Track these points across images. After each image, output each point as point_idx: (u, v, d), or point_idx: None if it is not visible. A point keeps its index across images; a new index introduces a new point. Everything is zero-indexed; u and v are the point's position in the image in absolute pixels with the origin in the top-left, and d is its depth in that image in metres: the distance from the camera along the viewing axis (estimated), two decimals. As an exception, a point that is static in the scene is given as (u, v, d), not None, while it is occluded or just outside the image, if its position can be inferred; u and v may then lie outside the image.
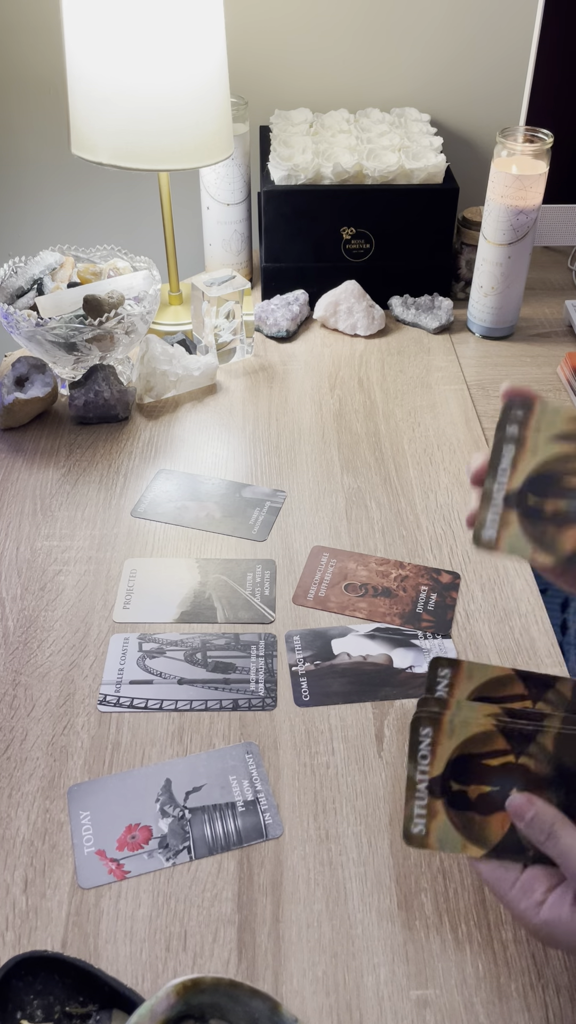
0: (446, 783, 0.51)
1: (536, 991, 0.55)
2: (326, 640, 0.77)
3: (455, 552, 0.86)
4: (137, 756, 0.68)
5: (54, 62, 1.32)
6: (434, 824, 0.51)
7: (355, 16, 1.29)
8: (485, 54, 1.32)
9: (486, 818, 0.51)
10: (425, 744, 0.51)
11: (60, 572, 0.83)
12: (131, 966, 0.56)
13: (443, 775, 0.51)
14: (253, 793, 0.65)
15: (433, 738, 0.51)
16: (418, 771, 0.51)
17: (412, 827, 0.51)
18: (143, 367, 1.05)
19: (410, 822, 0.51)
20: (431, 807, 0.51)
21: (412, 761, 0.51)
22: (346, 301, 1.19)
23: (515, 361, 1.15)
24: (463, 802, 0.51)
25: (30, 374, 1.01)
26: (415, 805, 0.51)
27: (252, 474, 0.96)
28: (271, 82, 1.34)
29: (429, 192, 1.16)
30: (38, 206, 1.46)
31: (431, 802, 0.51)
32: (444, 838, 0.51)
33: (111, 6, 0.93)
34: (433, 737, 0.51)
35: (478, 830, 0.51)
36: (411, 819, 0.51)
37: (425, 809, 0.51)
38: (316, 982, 0.55)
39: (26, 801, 0.64)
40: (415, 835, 0.51)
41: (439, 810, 0.51)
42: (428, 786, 0.51)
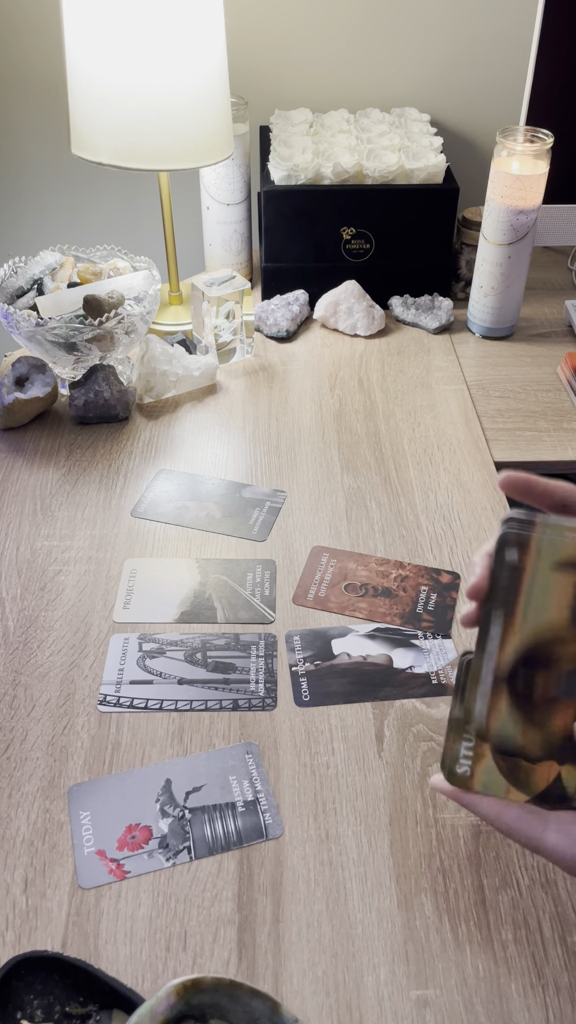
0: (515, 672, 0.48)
1: (536, 991, 0.55)
2: (326, 640, 0.77)
3: (455, 552, 0.86)
4: (137, 756, 0.68)
5: (54, 62, 1.32)
6: (479, 766, 0.50)
7: (355, 16, 1.29)
8: (485, 54, 1.32)
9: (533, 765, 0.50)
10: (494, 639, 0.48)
11: (60, 572, 0.83)
12: (131, 966, 0.56)
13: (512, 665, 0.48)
14: (253, 793, 0.65)
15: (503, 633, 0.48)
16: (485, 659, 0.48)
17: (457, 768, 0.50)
18: (143, 367, 1.05)
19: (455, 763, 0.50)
20: (478, 749, 0.50)
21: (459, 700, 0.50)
22: (346, 301, 1.19)
23: (515, 361, 1.15)
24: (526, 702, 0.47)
25: (30, 374, 1.01)
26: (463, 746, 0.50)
27: (252, 474, 0.96)
28: (271, 82, 1.34)
29: (429, 192, 1.16)
30: (38, 206, 1.46)
31: (478, 744, 0.50)
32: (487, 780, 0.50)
33: (111, 6, 0.93)
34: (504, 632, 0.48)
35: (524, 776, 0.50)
36: (456, 760, 0.50)
37: (472, 751, 0.50)
38: (316, 982, 0.55)
39: (26, 801, 0.64)
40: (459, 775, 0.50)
41: (485, 753, 0.50)
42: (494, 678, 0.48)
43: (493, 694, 0.47)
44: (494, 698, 0.47)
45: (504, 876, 0.60)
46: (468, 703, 0.47)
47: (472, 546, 0.86)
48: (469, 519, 0.89)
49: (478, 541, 0.87)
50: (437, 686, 0.73)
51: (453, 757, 0.50)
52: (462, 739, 0.50)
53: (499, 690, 0.47)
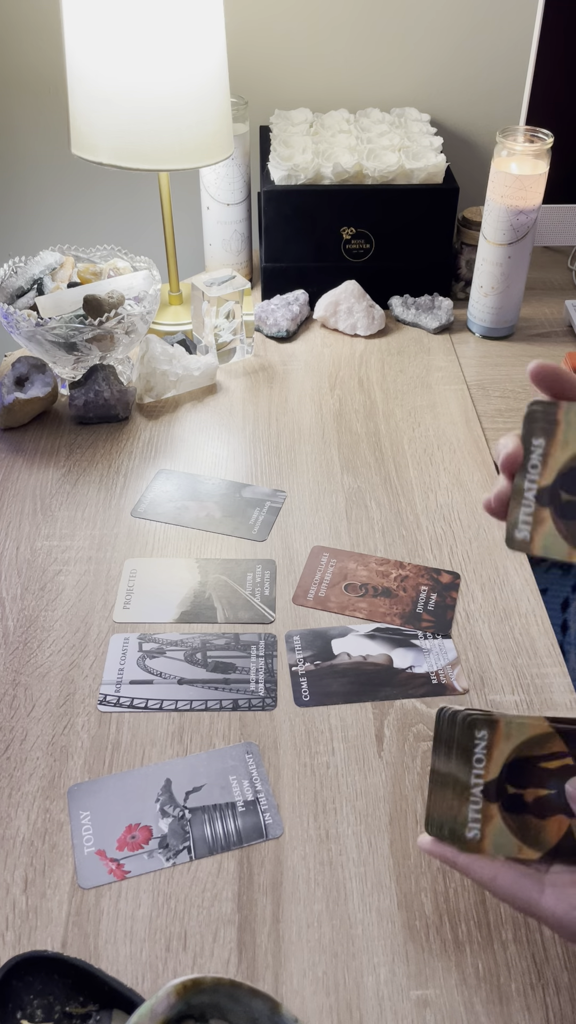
0: (502, 786, 0.50)
1: (536, 991, 0.55)
2: (326, 640, 0.77)
3: (455, 552, 0.86)
4: (137, 756, 0.68)
5: (54, 62, 1.32)
6: (489, 828, 0.50)
7: (355, 16, 1.29)
8: (485, 54, 1.32)
9: (543, 821, 0.50)
10: (481, 747, 0.50)
11: (60, 572, 0.83)
12: (131, 966, 0.56)
13: (499, 778, 0.50)
14: (253, 793, 0.65)
15: (489, 741, 0.50)
16: (473, 775, 0.50)
17: (467, 832, 0.50)
18: (143, 367, 1.05)
19: (464, 828, 0.50)
20: (486, 811, 0.50)
21: (467, 765, 0.50)
22: (346, 301, 1.19)
23: (515, 361, 1.15)
24: (519, 805, 0.50)
25: (30, 374, 1.01)
26: (470, 809, 0.50)
27: (252, 474, 0.96)
28: (271, 82, 1.34)
29: (429, 192, 1.16)
30: (38, 206, 1.46)
31: (486, 806, 0.50)
32: (499, 842, 0.50)
33: (111, 6, 0.93)
34: (490, 740, 0.50)
35: (534, 833, 0.50)
36: (466, 824, 0.50)
37: (480, 813, 0.50)
38: (316, 982, 0.55)
39: (26, 801, 0.64)
40: (470, 840, 0.50)
41: (494, 814, 0.50)
42: (483, 790, 0.50)
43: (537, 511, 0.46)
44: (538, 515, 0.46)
45: (504, 876, 0.60)
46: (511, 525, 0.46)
47: (472, 546, 0.86)
48: (469, 519, 0.89)
49: (478, 541, 0.87)
50: (437, 686, 0.73)
51: (461, 822, 0.50)
52: (468, 803, 0.50)
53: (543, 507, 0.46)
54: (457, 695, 0.72)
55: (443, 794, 0.51)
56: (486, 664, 0.75)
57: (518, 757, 0.50)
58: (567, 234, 1.33)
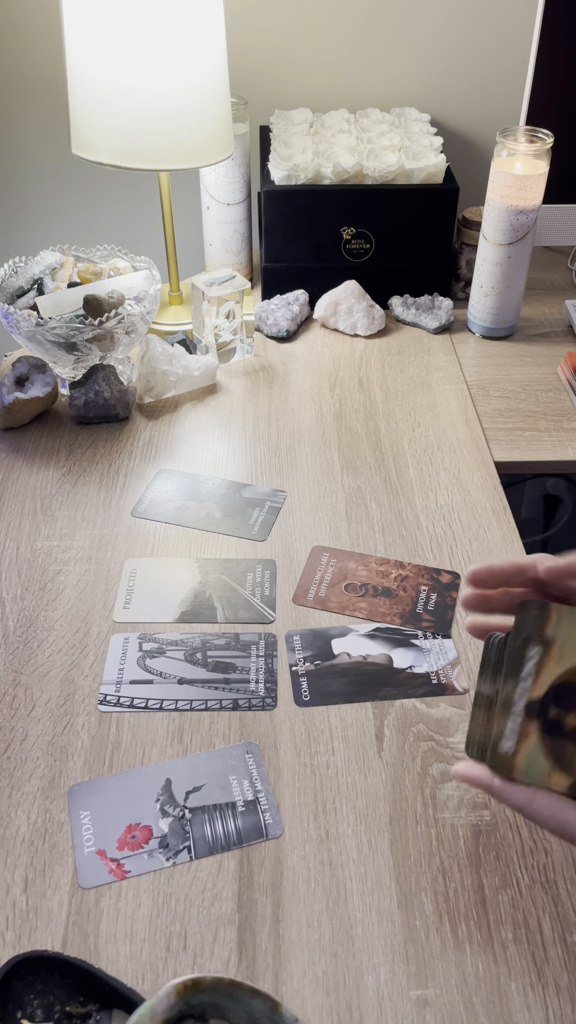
0: (545, 707, 0.49)
1: (536, 991, 0.55)
2: (326, 640, 0.77)
3: (455, 552, 0.86)
4: (137, 756, 0.68)
5: (54, 62, 1.32)
6: (524, 745, 0.49)
7: (355, 16, 1.29)
8: (485, 54, 1.32)
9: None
10: (531, 664, 0.49)
11: (60, 572, 0.83)
12: (131, 966, 0.56)
13: (543, 699, 0.49)
14: (253, 793, 0.65)
15: (540, 659, 0.49)
16: (519, 690, 0.49)
17: (502, 744, 0.49)
18: (143, 367, 1.05)
19: (501, 738, 0.49)
20: (524, 728, 0.49)
21: (513, 679, 0.50)
22: (346, 301, 1.19)
23: (515, 361, 1.15)
24: (558, 730, 0.49)
25: (30, 374, 1.01)
26: (509, 722, 0.49)
27: (252, 474, 0.96)
28: (271, 82, 1.34)
29: (429, 192, 1.16)
30: (38, 206, 1.46)
31: (526, 722, 0.49)
32: (532, 761, 0.49)
33: (111, 6, 0.93)
34: (541, 658, 0.49)
35: (567, 760, 0.49)
36: (502, 735, 0.49)
37: (518, 730, 0.49)
38: (316, 982, 0.55)
39: (26, 801, 0.64)
40: (502, 753, 0.49)
41: (532, 732, 0.49)
42: (526, 706, 0.49)
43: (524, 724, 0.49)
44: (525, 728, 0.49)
45: (504, 876, 0.60)
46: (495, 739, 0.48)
47: (472, 546, 0.86)
48: (469, 519, 0.89)
49: (478, 541, 0.87)
50: (437, 686, 0.73)
51: (498, 734, 0.50)
52: (509, 717, 0.50)
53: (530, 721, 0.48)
54: (457, 695, 0.72)
55: (485, 714, 0.51)
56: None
57: (566, 682, 0.49)
58: (567, 234, 1.33)
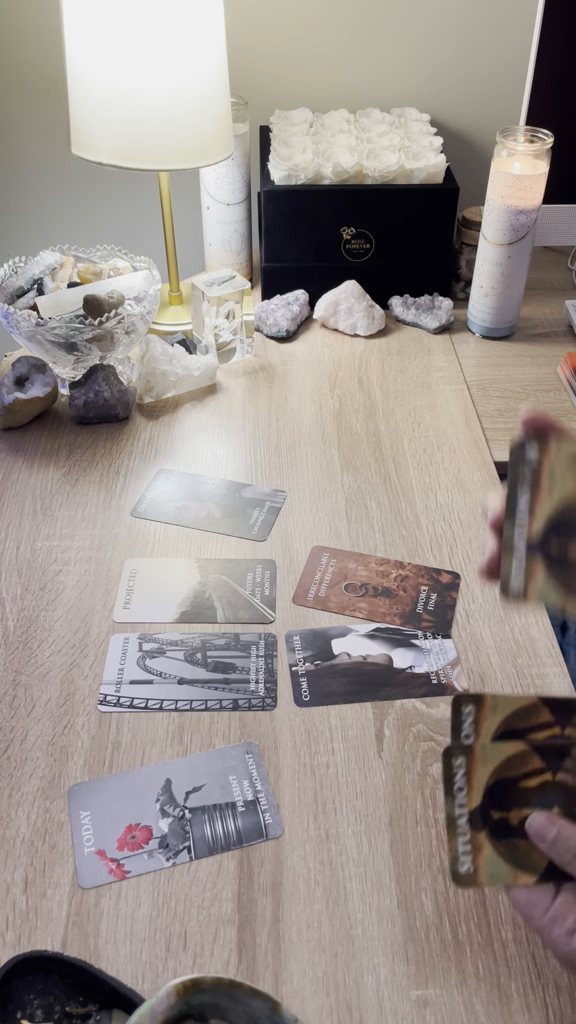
0: (486, 813, 0.49)
1: (536, 991, 0.55)
2: (326, 640, 0.77)
3: (455, 552, 0.86)
4: (137, 756, 0.68)
5: (54, 62, 1.32)
6: (481, 859, 0.49)
7: (355, 16, 1.29)
8: (485, 54, 1.32)
9: (531, 842, 0.48)
10: (460, 775, 0.49)
11: (60, 572, 0.83)
12: (131, 966, 0.56)
13: (482, 805, 0.49)
14: (253, 793, 0.65)
15: (467, 767, 0.49)
16: (456, 805, 0.49)
17: (459, 867, 0.49)
18: (143, 367, 1.05)
19: (456, 862, 0.49)
20: (475, 841, 0.48)
21: (449, 796, 0.49)
22: (346, 301, 1.19)
23: (515, 361, 1.15)
24: (506, 830, 0.49)
25: (30, 374, 1.01)
26: (459, 842, 0.49)
27: (252, 474, 0.96)
28: (271, 82, 1.34)
29: (429, 192, 1.16)
30: (38, 206, 1.46)
31: (474, 836, 0.49)
32: (493, 871, 0.48)
33: (111, 6, 0.93)
34: (467, 766, 0.49)
35: (524, 856, 0.49)
36: (457, 859, 0.49)
37: (469, 845, 0.49)
38: (316, 982, 0.55)
39: (26, 801, 0.64)
40: (463, 875, 0.48)
41: (483, 843, 0.49)
42: (469, 819, 0.49)
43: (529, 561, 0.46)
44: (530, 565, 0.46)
45: (504, 876, 0.60)
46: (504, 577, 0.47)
47: (472, 546, 0.86)
48: (469, 519, 0.89)
49: (478, 541, 0.87)
50: (437, 686, 0.73)
51: (453, 857, 0.49)
52: (457, 836, 0.49)
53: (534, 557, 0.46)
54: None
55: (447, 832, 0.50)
56: (486, 664, 0.75)
57: (498, 779, 0.49)
58: (567, 234, 1.33)
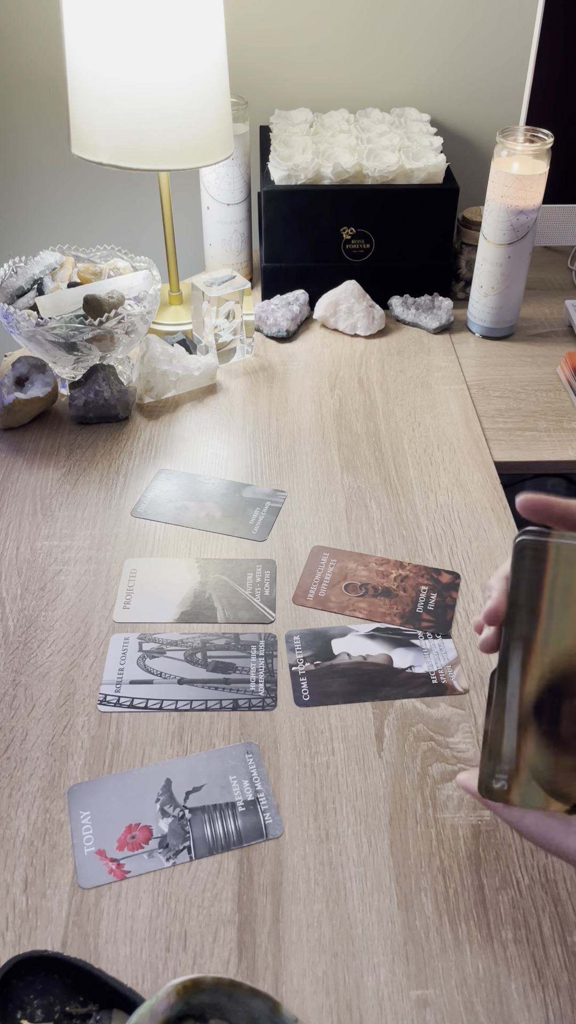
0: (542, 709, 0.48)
1: (536, 991, 0.55)
2: (326, 640, 0.77)
3: (455, 552, 0.86)
4: (137, 756, 0.68)
5: (55, 62, 1.32)
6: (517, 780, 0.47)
7: (355, 16, 1.29)
8: (485, 54, 1.32)
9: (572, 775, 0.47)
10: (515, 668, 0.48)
11: (60, 572, 0.83)
12: (131, 966, 0.56)
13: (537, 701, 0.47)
14: (253, 793, 0.65)
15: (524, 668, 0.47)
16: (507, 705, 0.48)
17: (494, 782, 0.48)
18: (143, 367, 1.05)
19: (491, 777, 0.48)
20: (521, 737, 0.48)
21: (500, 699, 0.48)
22: (346, 301, 1.19)
23: (515, 361, 1.15)
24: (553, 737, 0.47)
25: (30, 374, 1.01)
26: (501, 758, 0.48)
27: (252, 474, 0.96)
28: (271, 82, 1.34)
29: (429, 192, 1.16)
30: (38, 206, 1.46)
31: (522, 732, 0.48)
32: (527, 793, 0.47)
33: (111, 6, 0.93)
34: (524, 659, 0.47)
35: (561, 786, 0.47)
36: (492, 774, 0.48)
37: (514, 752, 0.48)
38: (316, 982, 0.55)
39: (26, 801, 0.64)
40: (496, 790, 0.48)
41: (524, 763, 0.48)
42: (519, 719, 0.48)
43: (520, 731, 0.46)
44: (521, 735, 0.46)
45: (504, 876, 0.60)
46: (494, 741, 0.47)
47: (472, 546, 0.86)
48: (469, 519, 0.89)
49: (478, 541, 0.87)
50: (437, 686, 0.73)
51: (489, 771, 0.48)
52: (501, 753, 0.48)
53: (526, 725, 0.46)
54: (457, 695, 0.72)
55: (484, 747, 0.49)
56: (486, 664, 0.75)
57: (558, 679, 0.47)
58: (567, 234, 1.33)
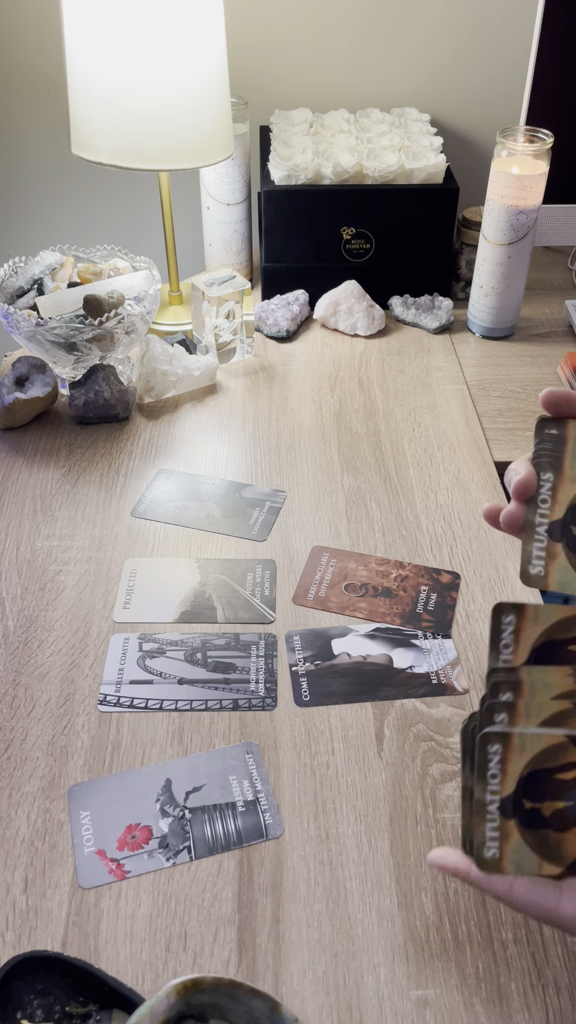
0: (519, 801, 0.48)
1: (536, 991, 0.55)
2: (326, 640, 0.77)
3: (455, 552, 0.86)
4: (137, 756, 0.68)
5: (55, 62, 1.32)
6: (508, 846, 0.48)
7: (355, 16, 1.29)
8: (485, 54, 1.32)
9: (562, 835, 0.48)
10: (495, 762, 0.48)
11: (60, 572, 0.83)
12: (131, 966, 0.56)
13: (515, 793, 0.48)
14: (253, 793, 0.65)
15: (503, 755, 0.48)
16: (488, 791, 0.48)
17: (485, 852, 0.48)
18: (143, 367, 1.05)
19: (483, 847, 0.48)
20: (504, 828, 0.48)
21: (481, 781, 0.48)
22: (346, 301, 1.19)
23: (515, 361, 1.15)
24: (538, 820, 0.48)
25: (30, 374, 1.01)
26: (487, 828, 0.48)
27: (252, 474, 0.96)
28: (271, 82, 1.34)
29: (429, 192, 1.16)
30: (38, 206, 1.46)
31: (503, 823, 0.48)
32: (520, 860, 0.48)
33: (111, 6, 0.93)
34: (503, 754, 0.48)
35: (554, 848, 0.48)
36: (483, 844, 0.48)
37: (498, 831, 0.48)
38: (316, 982, 0.55)
39: (26, 801, 0.64)
40: (489, 859, 0.48)
41: (512, 831, 0.48)
42: (500, 807, 0.48)
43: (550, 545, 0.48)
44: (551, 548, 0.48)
45: (504, 876, 0.60)
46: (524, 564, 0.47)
47: (472, 546, 0.86)
48: (469, 519, 0.89)
49: (478, 541, 0.87)
50: (437, 686, 0.73)
51: (480, 841, 0.48)
52: (485, 821, 0.48)
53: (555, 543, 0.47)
54: (457, 695, 0.72)
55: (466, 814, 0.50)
56: (486, 664, 0.75)
57: (533, 770, 0.48)
58: (567, 234, 1.33)
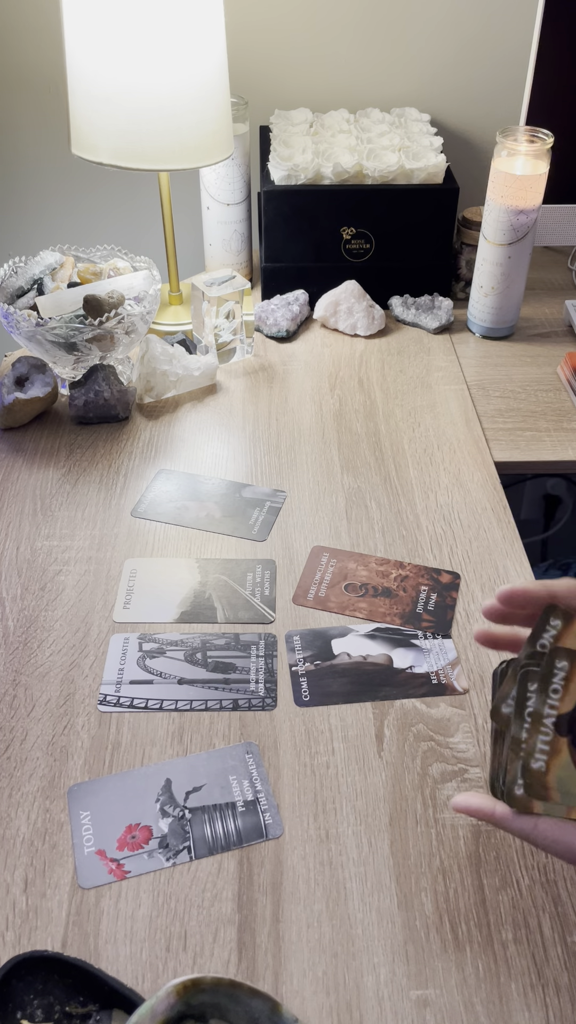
0: (574, 722, 0.48)
1: (536, 991, 0.55)
2: (326, 640, 0.77)
3: (455, 552, 0.86)
4: (137, 756, 0.68)
5: (55, 62, 1.32)
6: (555, 762, 0.48)
7: (355, 16, 1.29)
8: (485, 54, 1.32)
9: None
10: (559, 678, 0.48)
11: (60, 572, 0.83)
12: (131, 966, 0.56)
13: (573, 713, 0.48)
14: (253, 793, 0.65)
15: (568, 673, 0.47)
16: (547, 704, 0.48)
17: (532, 761, 0.48)
18: (143, 367, 1.05)
19: (530, 756, 0.48)
20: (554, 744, 0.48)
21: (542, 693, 0.48)
22: (346, 301, 1.19)
23: (515, 361, 1.15)
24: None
25: (30, 374, 1.01)
26: (539, 739, 0.48)
27: (252, 474, 0.96)
28: (271, 82, 1.34)
29: (429, 192, 1.16)
30: (38, 206, 1.46)
31: (555, 739, 0.48)
32: (563, 777, 0.47)
33: (111, 6, 0.93)
34: (568, 671, 0.47)
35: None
36: (532, 753, 0.48)
37: (548, 746, 0.48)
38: (316, 982, 0.55)
39: (26, 801, 0.64)
40: (534, 769, 0.48)
41: (563, 748, 0.48)
42: (555, 722, 0.48)
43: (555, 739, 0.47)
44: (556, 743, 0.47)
45: (504, 876, 0.60)
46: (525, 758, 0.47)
47: (472, 546, 0.86)
48: (469, 519, 0.89)
49: (478, 541, 0.87)
50: (437, 686, 0.73)
51: (528, 751, 0.48)
52: (539, 733, 0.48)
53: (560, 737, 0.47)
54: (457, 695, 0.72)
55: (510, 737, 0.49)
56: (486, 664, 0.75)
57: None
58: (567, 234, 1.33)
